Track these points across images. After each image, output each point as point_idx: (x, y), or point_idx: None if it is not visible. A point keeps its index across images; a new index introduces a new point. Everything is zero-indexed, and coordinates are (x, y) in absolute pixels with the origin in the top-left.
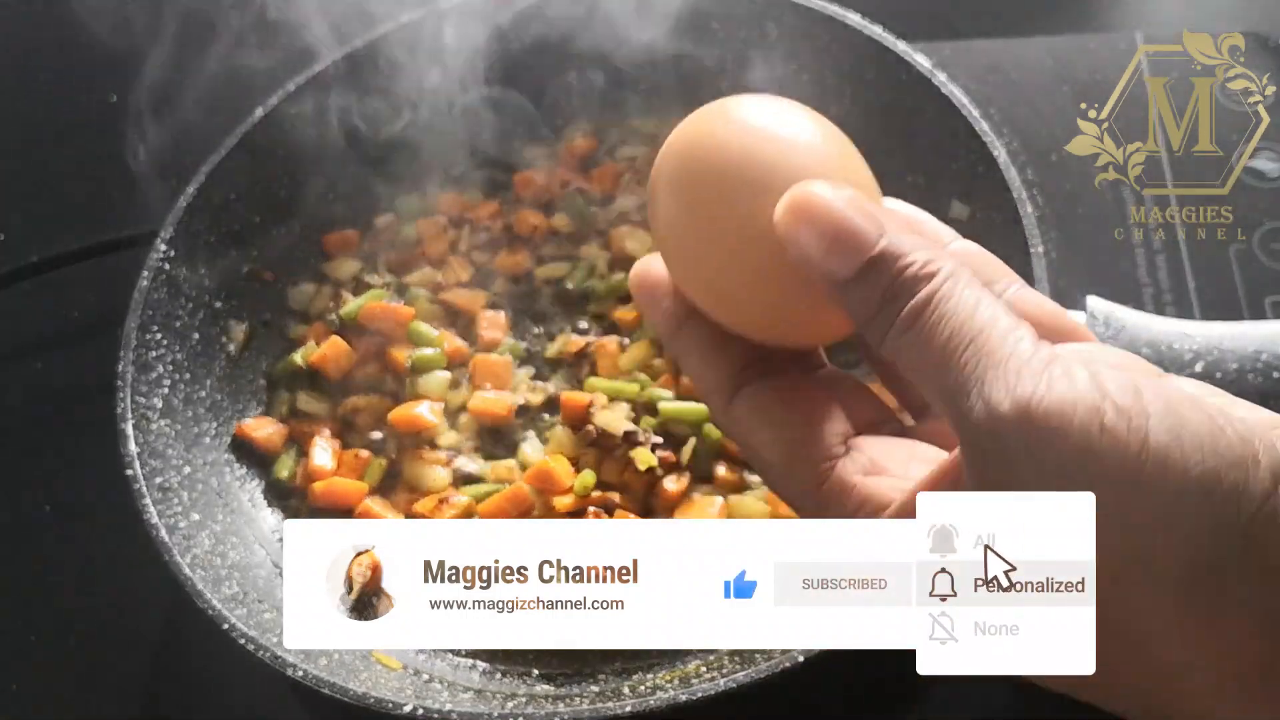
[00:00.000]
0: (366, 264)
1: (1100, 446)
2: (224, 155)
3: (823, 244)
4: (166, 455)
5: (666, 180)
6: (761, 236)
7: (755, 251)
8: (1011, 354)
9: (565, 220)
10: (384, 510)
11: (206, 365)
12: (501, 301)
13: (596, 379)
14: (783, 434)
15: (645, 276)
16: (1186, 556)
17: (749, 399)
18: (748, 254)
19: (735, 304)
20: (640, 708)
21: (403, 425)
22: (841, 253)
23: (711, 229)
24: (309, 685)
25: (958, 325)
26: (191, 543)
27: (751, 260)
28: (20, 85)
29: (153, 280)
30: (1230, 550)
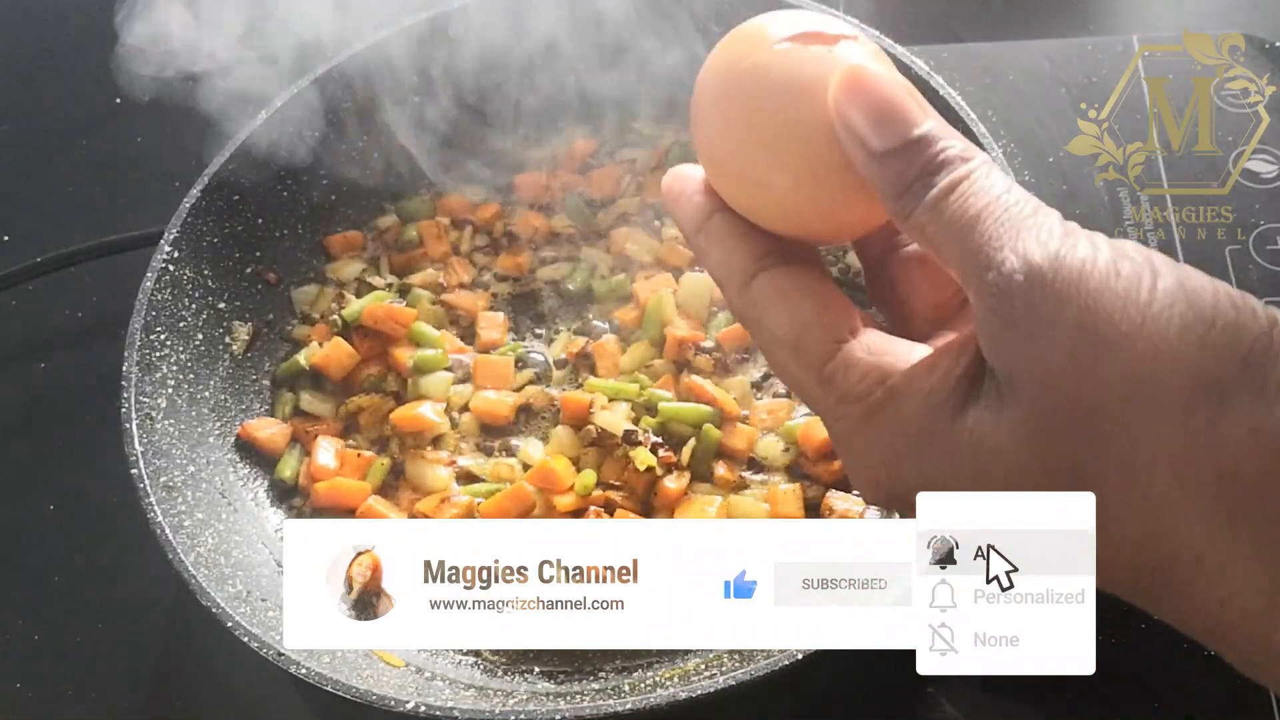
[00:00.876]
0: (369, 265)
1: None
2: (227, 157)
3: (872, 117)
4: (170, 455)
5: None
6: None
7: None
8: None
9: (566, 222)
10: (387, 510)
11: (210, 365)
12: (502, 303)
13: (597, 379)
14: (797, 313)
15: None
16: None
17: (768, 280)
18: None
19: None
20: (641, 705)
21: (405, 425)
22: (889, 127)
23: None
24: (312, 683)
25: (992, 199)
26: (195, 542)
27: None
28: (24, 86)
29: (157, 281)
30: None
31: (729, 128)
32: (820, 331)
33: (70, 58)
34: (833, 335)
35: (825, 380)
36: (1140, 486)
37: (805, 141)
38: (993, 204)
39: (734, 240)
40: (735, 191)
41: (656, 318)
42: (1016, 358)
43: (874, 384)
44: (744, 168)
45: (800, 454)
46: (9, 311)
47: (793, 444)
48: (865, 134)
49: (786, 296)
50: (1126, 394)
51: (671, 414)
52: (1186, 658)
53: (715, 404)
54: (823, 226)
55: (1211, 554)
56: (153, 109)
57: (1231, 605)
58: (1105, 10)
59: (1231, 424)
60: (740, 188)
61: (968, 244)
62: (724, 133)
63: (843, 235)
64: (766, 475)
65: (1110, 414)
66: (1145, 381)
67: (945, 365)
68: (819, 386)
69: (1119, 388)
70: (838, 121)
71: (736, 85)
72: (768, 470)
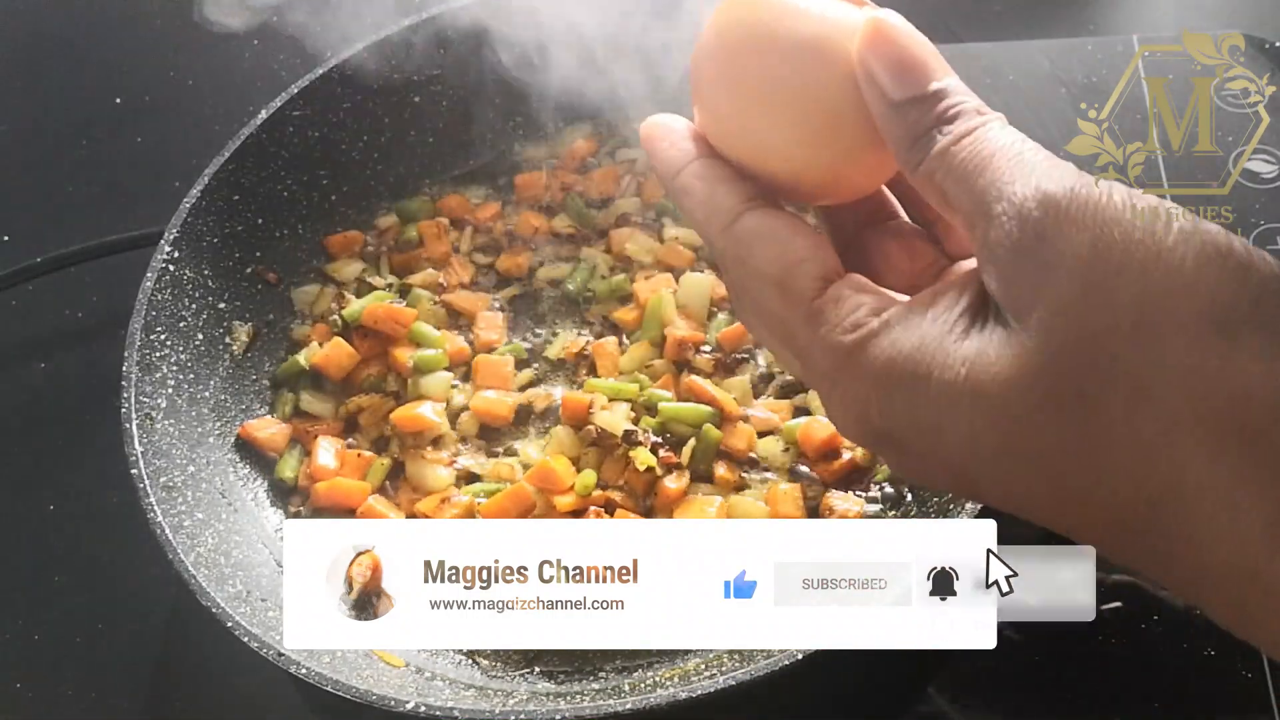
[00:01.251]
0: (369, 265)
1: (1132, 220)
2: (227, 157)
3: (894, 68)
4: (170, 455)
5: (716, 46)
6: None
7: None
8: (1056, 164)
9: (566, 222)
10: (387, 510)
11: (210, 365)
12: (502, 303)
13: (597, 379)
14: (786, 250)
15: (658, 121)
16: (1202, 311)
17: (756, 218)
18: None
19: (777, 153)
20: (641, 705)
21: (405, 425)
22: (909, 77)
23: (760, 86)
24: (312, 682)
25: (1005, 145)
26: (195, 542)
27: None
28: (25, 87)
29: (157, 281)
30: (1241, 310)
31: (735, 82)
32: (809, 268)
33: (70, 58)
34: (821, 273)
35: (813, 314)
36: (1148, 411)
37: (815, 97)
38: (1005, 149)
39: (720, 181)
40: (736, 146)
41: (656, 318)
42: (1026, 285)
43: (868, 314)
44: (747, 126)
45: (800, 454)
46: (9, 311)
47: (793, 444)
48: (885, 83)
49: (776, 233)
50: (1138, 319)
51: (671, 414)
52: (1187, 658)
53: (715, 404)
54: (822, 185)
55: (1216, 480)
56: (153, 109)
57: (1229, 537)
58: (1105, 10)
59: (1242, 356)
60: (742, 144)
61: (976, 185)
62: (729, 87)
63: (838, 194)
64: (766, 475)
65: (1121, 338)
66: (1158, 308)
67: (947, 297)
68: (805, 323)
69: (1131, 312)
70: (860, 70)
71: (744, 40)
72: (768, 470)
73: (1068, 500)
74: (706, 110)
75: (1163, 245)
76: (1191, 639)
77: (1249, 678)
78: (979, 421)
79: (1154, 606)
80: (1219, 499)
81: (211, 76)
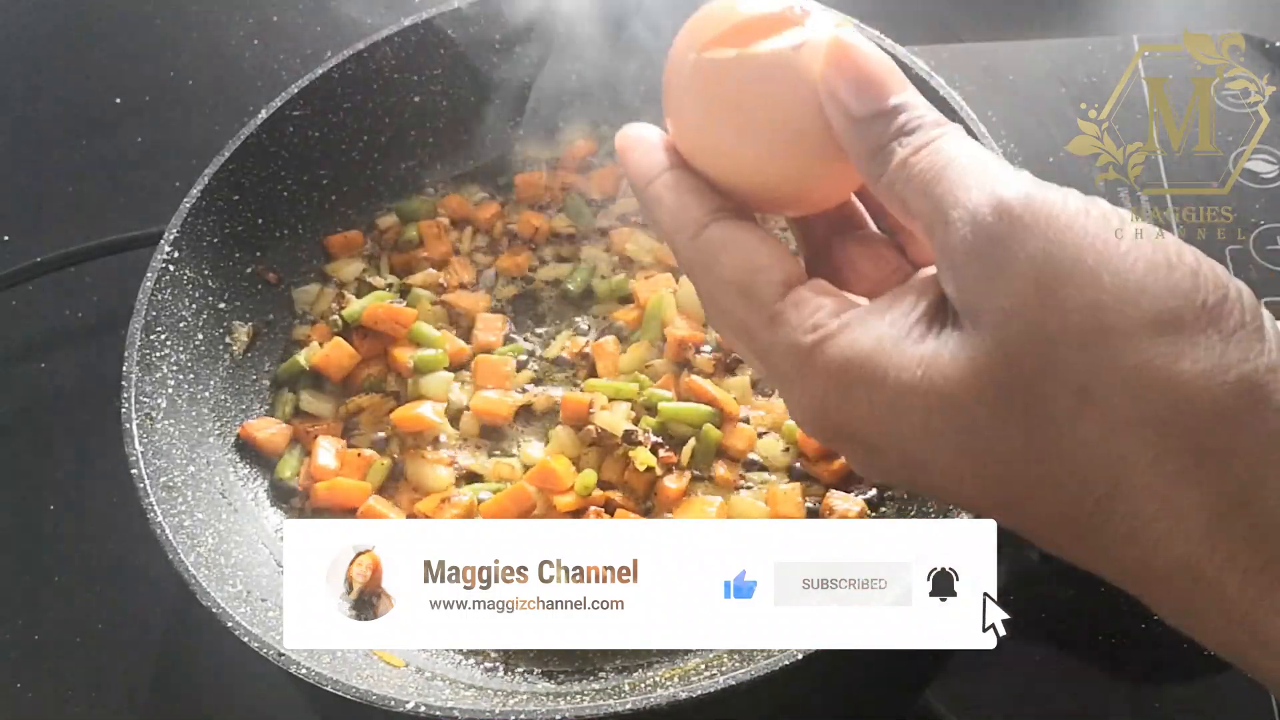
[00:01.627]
0: (369, 265)
1: (1085, 226)
2: (227, 157)
3: (855, 85)
4: (171, 455)
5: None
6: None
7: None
8: (1011, 171)
9: (566, 222)
10: (387, 510)
11: (210, 366)
12: (502, 303)
13: (597, 379)
14: (751, 257)
15: (632, 131)
16: (1150, 315)
17: (722, 228)
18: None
19: (745, 170)
20: (641, 705)
21: (405, 425)
22: (869, 93)
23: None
24: (312, 682)
25: (961, 154)
26: (195, 542)
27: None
28: (25, 87)
29: (157, 281)
30: (1189, 316)
31: (703, 97)
32: (772, 275)
33: (70, 58)
34: (784, 278)
35: (774, 317)
36: (1093, 413)
37: (781, 116)
38: (961, 158)
39: (689, 191)
40: (706, 156)
41: (656, 318)
42: (980, 289)
43: (827, 316)
44: (717, 141)
45: (800, 454)
46: (9, 311)
47: (793, 444)
48: (847, 100)
49: (740, 242)
50: (1087, 324)
51: (671, 414)
52: (1187, 658)
53: (715, 404)
54: (789, 197)
55: (1158, 482)
56: (153, 109)
57: (1172, 538)
58: (1105, 10)
59: (1188, 361)
60: (713, 158)
61: (934, 193)
62: (698, 101)
63: (806, 206)
64: (766, 475)
65: (1070, 342)
66: (1108, 311)
67: (905, 303)
68: (767, 326)
69: (1080, 317)
70: (823, 88)
71: (710, 61)
72: (768, 470)
73: (1017, 498)
74: (677, 122)
75: (1114, 251)
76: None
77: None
78: (934, 420)
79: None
80: (1161, 501)
81: (211, 76)
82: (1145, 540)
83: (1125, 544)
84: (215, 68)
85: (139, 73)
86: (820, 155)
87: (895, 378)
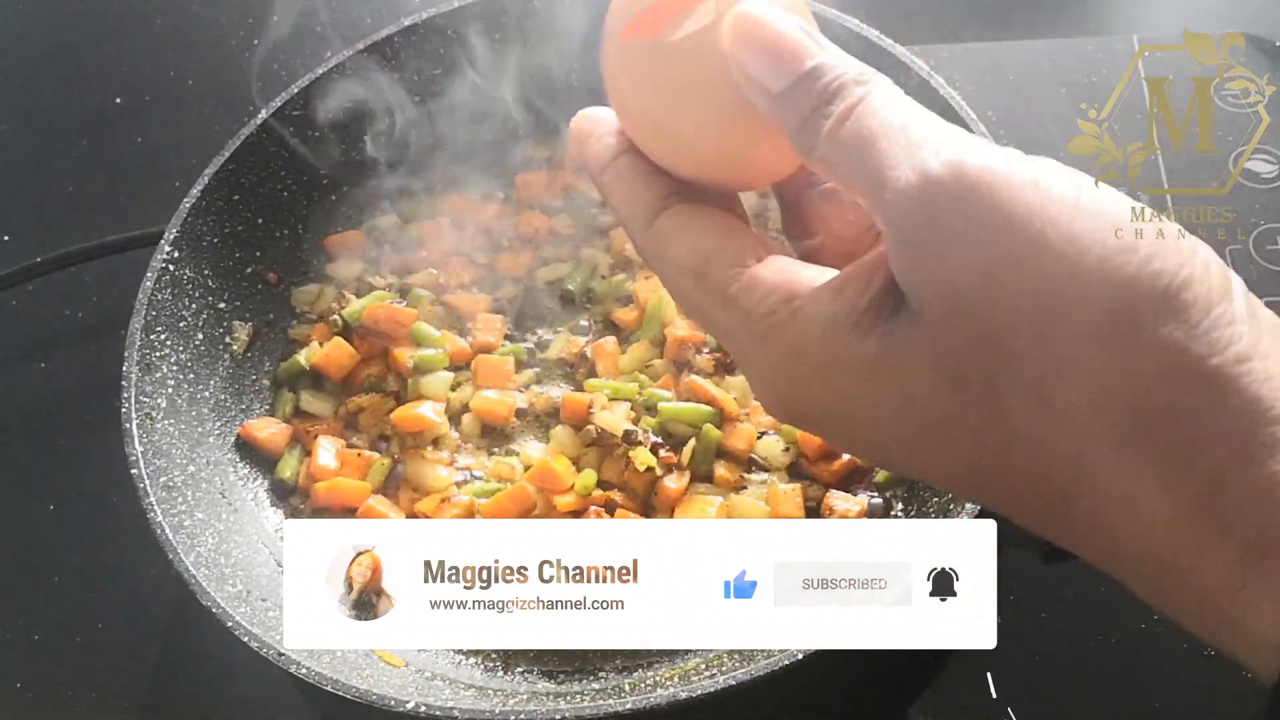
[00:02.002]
0: (369, 265)
1: (1030, 203)
2: (227, 157)
3: (764, 59)
4: (171, 455)
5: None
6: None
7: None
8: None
9: (566, 222)
10: (387, 510)
11: (210, 365)
12: (502, 303)
13: (597, 379)
14: (700, 241)
15: (587, 117)
16: (1105, 306)
17: (672, 214)
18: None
19: (683, 149)
20: (641, 705)
21: (405, 425)
22: (780, 65)
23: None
24: (312, 682)
25: (889, 117)
26: (195, 541)
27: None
28: (26, 87)
29: (157, 281)
30: (1149, 305)
31: (635, 82)
32: (724, 256)
33: (70, 58)
34: (736, 260)
35: (729, 300)
36: (1049, 409)
37: (708, 92)
38: (886, 125)
39: (639, 179)
40: (647, 141)
41: (656, 318)
42: (922, 277)
43: (779, 302)
44: (654, 120)
45: (800, 454)
46: (9, 311)
47: (793, 444)
48: (760, 76)
49: (688, 228)
50: (1037, 315)
51: (671, 414)
52: (1186, 658)
53: (715, 404)
54: (734, 174)
55: (1120, 479)
56: (153, 109)
57: (1137, 531)
58: (1105, 10)
59: (1147, 352)
60: (652, 138)
61: (865, 169)
62: (630, 86)
63: (756, 182)
64: (766, 475)
65: (1019, 335)
66: (1058, 302)
67: (854, 287)
68: (722, 309)
69: (1030, 308)
70: (734, 68)
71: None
72: (768, 470)
73: (985, 484)
74: (615, 107)
75: (1066, 233)
76: (1191, 639)
77: (1249, 678)
78: (891, 411)
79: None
80: (1124, 495)
81: (211, 76)
82: (1112, 531)
83: (1091, 533)
84: (215, 68)
85: (139, 73)
86: (758, 129)
87: (847, 363)
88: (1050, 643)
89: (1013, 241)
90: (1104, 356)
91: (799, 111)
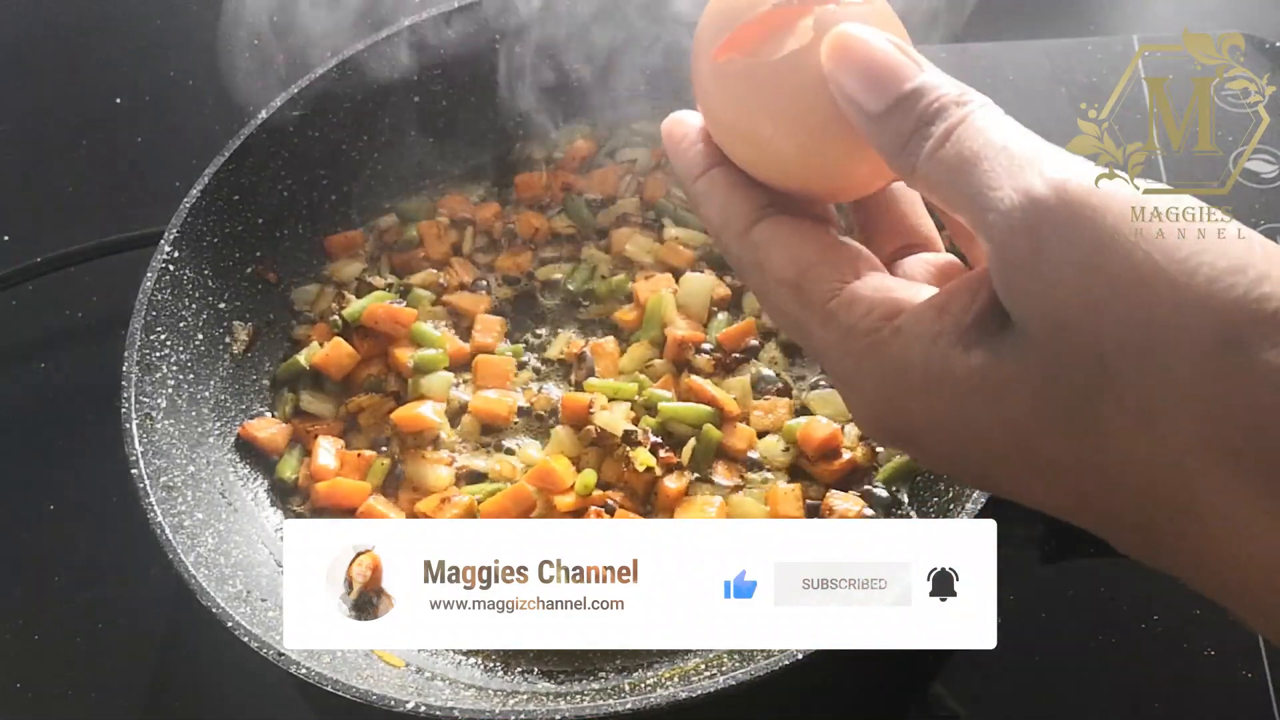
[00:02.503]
0: (369, 265)
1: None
2: (227, 157)
3: (864, 80)
4: (170, 455)
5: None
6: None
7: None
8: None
9: (566, 222)
10: (387, 510)
11: (210, 365)
12: (502, 303)
13: (596, 379)
14: (801, 253)
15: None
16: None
17: (769, 225)
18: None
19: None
20: (641, 705)
21: (405, 425)
22: (881, 86)
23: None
24: (312, 682)
25: (991, 137)
26: (195, 541)
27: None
28: (25, 87)
29: (157, 281)
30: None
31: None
32: (823, 271)
33: (70, 58)
34: (836, 275)
35: (828, 317)
36: (1154, 431)
37: (806, 111)
38: (988, 146)
39: (736, 189)
40: (741, 153)
41: (656, 318)
42: (1026, 297)
43: (880, 320)
44: (747, 132)
45: (800, 454)
46: (9, 311)
47: (793, 444)
48: (860, 97)
49: (789, 239)
50: (1144, 341)
51: (671, 414)
52: (1187, 658)
53: (715, 404)
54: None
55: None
56: (153, 109)
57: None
58: (1105, 10)
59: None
60: (747, 151)
61: (967, 190)
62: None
63: (851, 195)
64: (766, 475)
65: (1127, 360)
66: (1165, 328)
67: (958, 305)
68: (821, 325)
69: (1135, 333)
70: (834, 88)
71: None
72: (768, 470)
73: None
74: (708, 120)
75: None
76: (1191, 639)
77: (1249, 678)
78: (994, 430)
79: (1154, 606)
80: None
81: (211, 76)
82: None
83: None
84: (215, 68)
85: (139, 73)
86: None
87: (951, 384)
88: (1050, 643)
89: (1117, 265)
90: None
91: (899, 133)
